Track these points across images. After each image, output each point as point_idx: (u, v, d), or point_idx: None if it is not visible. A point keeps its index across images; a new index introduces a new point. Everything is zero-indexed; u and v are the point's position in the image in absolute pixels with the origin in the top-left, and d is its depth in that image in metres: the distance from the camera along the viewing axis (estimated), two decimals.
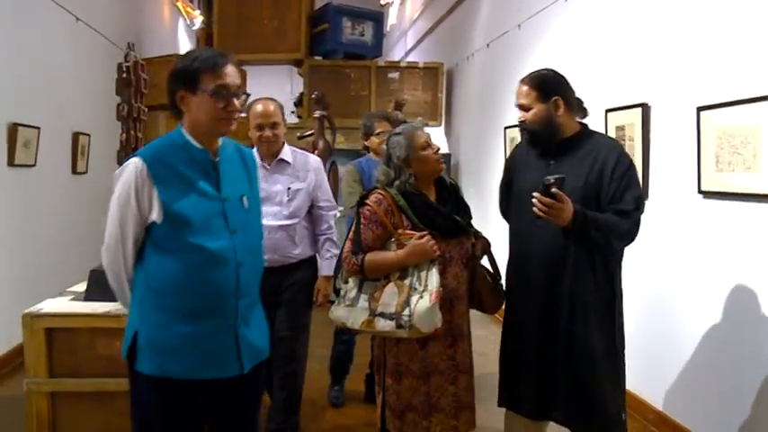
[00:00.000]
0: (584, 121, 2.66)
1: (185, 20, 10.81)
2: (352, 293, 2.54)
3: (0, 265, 4.49)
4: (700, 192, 3.27)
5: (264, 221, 2.55)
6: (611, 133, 4.01)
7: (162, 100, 3.16)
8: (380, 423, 2.62)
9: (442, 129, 8.84)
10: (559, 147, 2.56)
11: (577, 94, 2.63)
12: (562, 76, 2.61)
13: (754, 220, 2.95)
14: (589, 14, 4.66)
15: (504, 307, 2.75)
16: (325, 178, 3.42)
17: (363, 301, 2.50)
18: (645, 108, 3.78)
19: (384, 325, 2.41)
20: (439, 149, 2.61)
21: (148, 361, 1.95)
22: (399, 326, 2.37)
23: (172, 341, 1.93)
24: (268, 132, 3.15)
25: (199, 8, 11.36)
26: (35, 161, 4.89)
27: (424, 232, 2.44)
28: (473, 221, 2.67)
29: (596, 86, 4.25)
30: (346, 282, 2.60)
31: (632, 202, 2.44)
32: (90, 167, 6.14)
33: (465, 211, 2.66)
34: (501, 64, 6.58)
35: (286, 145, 3.30)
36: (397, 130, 2.66)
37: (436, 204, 2.57)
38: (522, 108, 2.61)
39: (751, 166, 2.87)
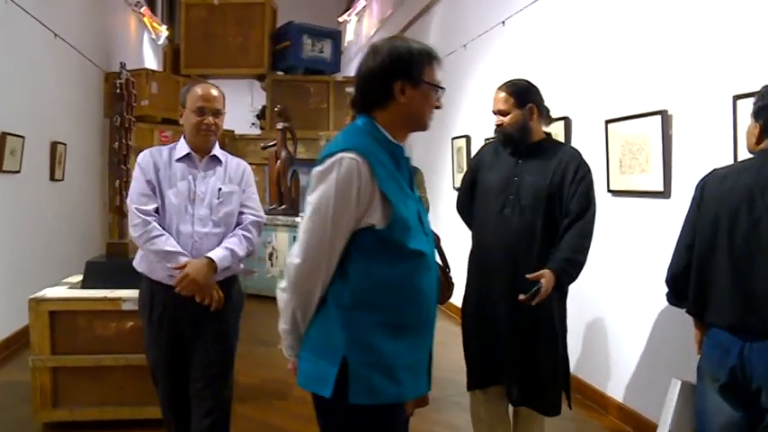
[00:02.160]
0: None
1: (151, 34, 11.17)
2: None
3: None
4: (609, 191, 3.91)
5: (186, 227, 2.59)
6: None
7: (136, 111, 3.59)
8: None
9: None
10: (528, 149, 2.79)
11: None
12: (535, 87, 2.86)
13: (649, 212, 3.59)
14: (522, 38, 5.29)
15: (464, 295, 2.98)
16: (256, 189, 2.90)
17: None
18: (567, 120, 4.41)
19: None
20: None
21: (365, 389, 1.67)
22: None
23: (384, 361, 1.68)
24: (210, 119, 2.65)
25: (165, 24, 11.75)
26: (20, 168, 5.28)
27: None
28: None
29: None
30: None
31: (584, 202, 2.69)
32: (66, 175, 6.52)
33: None
34: (449, 80, 7.14)
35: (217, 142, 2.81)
36: None
37: None
38: (500, 113, 2.81)
39: (645, 168, 3.51)
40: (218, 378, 2.66)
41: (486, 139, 5.50)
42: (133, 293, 3.49)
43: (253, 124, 14.80)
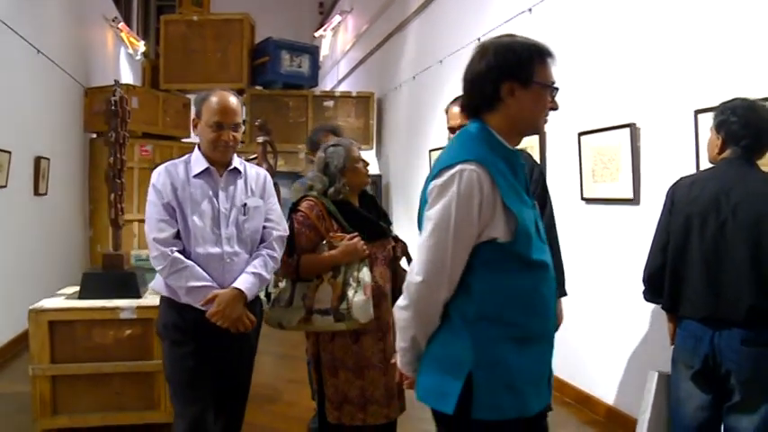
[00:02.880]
0: None
1: (128, 49, 11.25)
2: (287, 295, 2.69)
3: None
4: (582, 198, 4.15)
5: (215, 249, 2.48)
6: None
7: None
8: (319, 415, 2.81)
9: (373, 152, 9.62)
10: None
11: None
12: None
13: (620, 218, 3.83)
14: None
15: None
16: (277, 200, 2.82)
17: (298, 301, 2.66)
18: (541, 134, 4.64)
19: (323, 320, 2.61)
20: (368, 165, 2.90)
21: (489, 405, 1.62)
22: (338, 319, 2.58)
23: (509, 376, 1.63)
24: (229, 135, 2.49)
25: (142, 39, 11.83)
26: (6, 182, 5.36)
27: (354, 233, 2.67)
28: (400, 229, 3.24)
29: None
30: (276, 285, 2.74)
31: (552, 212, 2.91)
32: (49, 189, 6.58)
33: (385, 218, 2.96)
34: (425, 94, 7.42)
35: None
36: (334, 141, 2.88)
37: (362, 210, 2.83)
38: (452, 130, 2.83)
39: (615, 177, 3.75)
40: (239, 395, 2.72)
41: None
42: (130, 303, 3.64)
43: None
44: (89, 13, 8.93)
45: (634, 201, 3.69)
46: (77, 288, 3.90)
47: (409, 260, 2.91)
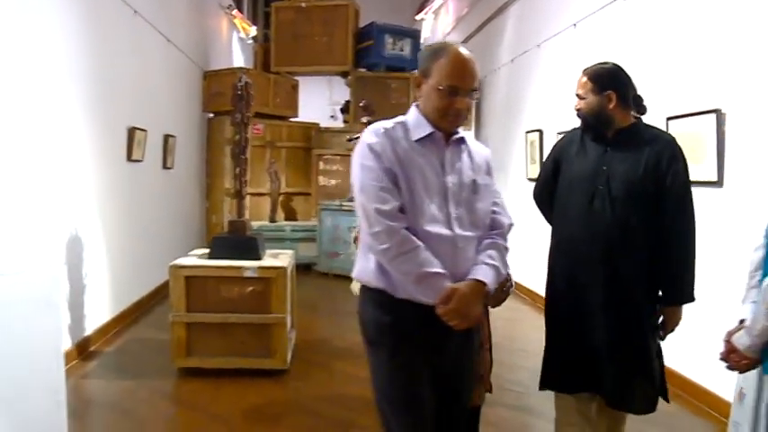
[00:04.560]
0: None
1: (240, 33, 12.00)
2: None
3: (121, 234, 5.66)
4: None
5: (445, 231, 1.99)
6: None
7: (227, 106, 3.99)
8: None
9: (472, 132, 9.90)
10: (615, 136, 2.62)
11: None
12: (621, 73, 2.67)
13: (709, 203, 3.99)
14: (592, 40, 5.70)
15: (551, 293, 2.84)
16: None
17: None
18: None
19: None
20: None
21: None
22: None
23: None
24: (463, 102, 2.03)
25: (254, 24, 12.57)
26: (143, 157, 6.06)
27: None
28: None
29: None
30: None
31: (680, 204, 2.54)
32: (174, 164, 7.31)
33: None
34: (523, 77, 7.63)
35: None
36: None
37: None
38: (578, 97, 2.69)
39: (700, 160, 3.91)
40: (460, 413, 2.19)
41: (559, 133, 5.94)
42: (253, 263, 4.18)
43: (331, 116, 15.56)
44: (208, 2, 9.66)
45: (717, 183, 3.85)
46: (206, 250, 4.50)
47: None
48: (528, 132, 7.17)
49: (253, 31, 12.01)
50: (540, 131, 6.83)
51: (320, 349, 5.00)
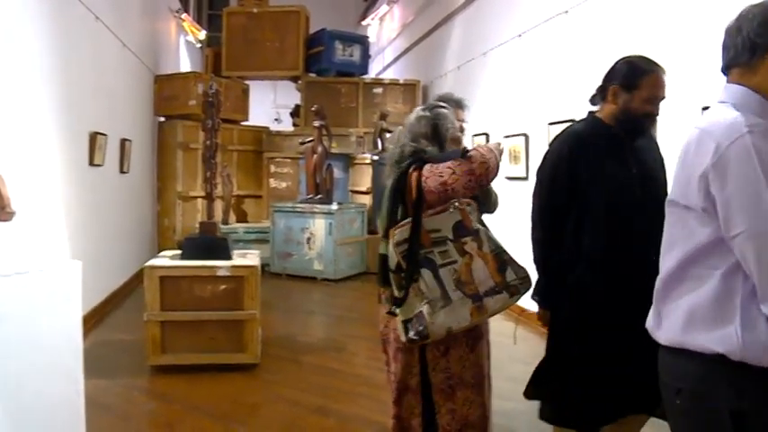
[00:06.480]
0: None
1: (188, 37, 12.04)
2: (436, 292, 2.16)
3: (84, 239, 5.74)
4: None
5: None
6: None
7: (180, 110, 4.13)
8: None
9: None
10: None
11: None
12: None
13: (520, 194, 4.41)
14: (539, 50, 6.11)
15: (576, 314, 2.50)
16: None
17: (454, 292, 2.16)
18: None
19: (497, 301, 2.19)
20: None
21: None
22: (513, 293, 2.22)
23: None
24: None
25: (204, 28, 12.63)
26: (103, 162, 6.14)
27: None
28: None
29: (540, 104, 5.72)
30: (404, 286, 2.16)
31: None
32: (130, 168, 7.38)
33: None
34: (469, 84, 8.02)
35: None
36: (438, 100, 2.54)
37: None
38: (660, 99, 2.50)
39: None
40: None
41: (507, 135, 6.33)
42: (225, 263, 4.37)
43: (276, 120, 15.75)
44: (159, 5, 9.72)
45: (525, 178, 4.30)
46: (174, 252, 4.67)
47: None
48: (475, 135, 7.54)
49: (202, 35, 12.06)
50: (487, 135, 7.21)
51: (286, 345, 5.21)
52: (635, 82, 2.41)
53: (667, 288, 1.62)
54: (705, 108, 3.78)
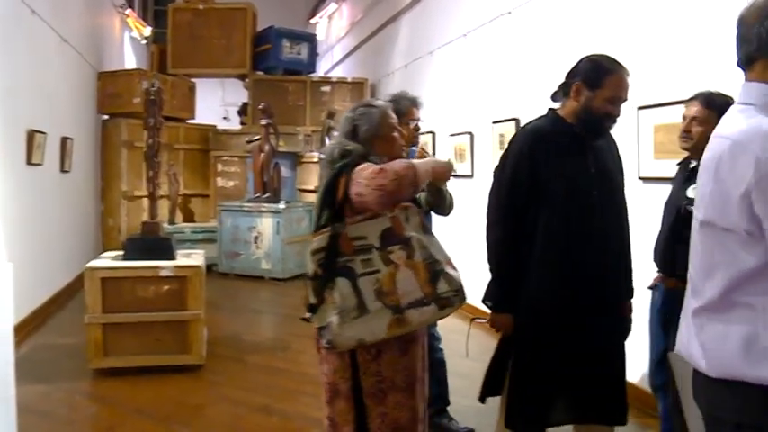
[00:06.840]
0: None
1: (132, 33, 11.80)
2: (351, 301, 2.07)
3: (22, 240, 5.58)
4: (639, 178, 3.94)
5: None
6: (492, 137, 5.56)
7: (124, 108, 4.08)
8: None
9: None
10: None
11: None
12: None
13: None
14: (481, 50, 6.21)
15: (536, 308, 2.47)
16: None
17: (373, 303, 2.08)
18: (517, 122, 5.34)
19: (423, 313, 2.11)
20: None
21: None
22: (444, 305, 2.13)
23: None
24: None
25: (150, 25, 12.38)
26: (42, 161, 5.98)
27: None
28: None
29: (485, 103, 5.82)
30: (318, 295, 2.11)
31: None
32: (72, 167, 7.20)
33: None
34: (416, 82, 8.07)
35: None
36: (368, 102, 2.46)
37: None
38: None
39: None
40: None
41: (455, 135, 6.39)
42: (169, 263, 4.33)
43: (224, 118, 15.55)
44: (101, 0, 9.49)
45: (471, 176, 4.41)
46: (117, 253, 4.59)
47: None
48: (420, 134, 7.58)
49: (147, 31, 11.83)
50: (433, 133, 7.29)
51: (231, 344, 5.18)
52: (598, 81, 2.38)
53: (711, 317, 1.47)
54: (641, 108, 3.87)
